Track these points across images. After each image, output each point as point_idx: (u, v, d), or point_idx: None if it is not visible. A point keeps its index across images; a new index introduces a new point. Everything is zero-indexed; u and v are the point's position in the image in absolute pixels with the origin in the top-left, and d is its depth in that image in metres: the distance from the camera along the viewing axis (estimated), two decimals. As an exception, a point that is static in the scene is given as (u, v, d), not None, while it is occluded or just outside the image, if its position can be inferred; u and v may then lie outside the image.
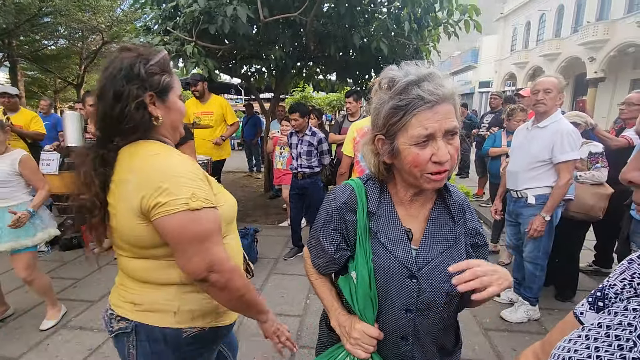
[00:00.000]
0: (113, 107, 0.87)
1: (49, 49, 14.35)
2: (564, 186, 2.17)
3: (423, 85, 0.72)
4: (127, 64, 0.89)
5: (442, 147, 0.74)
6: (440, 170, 0.76)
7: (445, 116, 0.73)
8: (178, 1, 3.77)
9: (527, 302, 2.48)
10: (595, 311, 0.55)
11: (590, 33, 16.99)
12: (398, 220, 0.86)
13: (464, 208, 0.89)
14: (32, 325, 2.42)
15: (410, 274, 0.82)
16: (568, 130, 2.14)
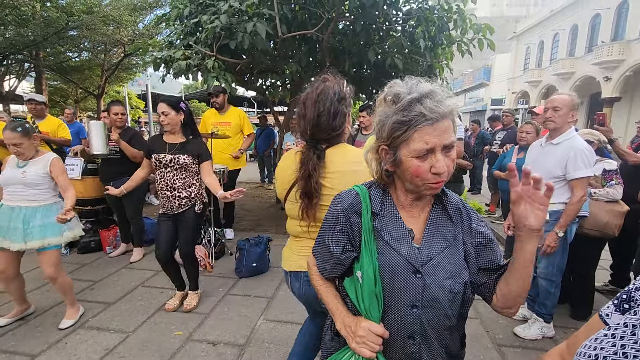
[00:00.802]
0: (332, 121, 1.30)
1: (73, 60, 14.93)
2: (577, 203, 2.17)
3: (425, 103, 0.79)
4: (337, 90, 1.31)
5: (441, 160, 0.81)
6: (439, 180, 0.83)
7: (444, 132, 0.80)
8: (200, 17, 3.95)
9: (541, 318, 2.45)
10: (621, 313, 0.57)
11: (605, 53, 16.94)
12: (400, 220, 0.92)
13: (461, 209, 0.95)
14: (52, 324, 2.50)
15: (415, 269, 0.86)
16: (582, 147, 2.16)
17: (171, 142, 2.56)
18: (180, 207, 2.56)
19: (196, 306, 2.77)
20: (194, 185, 2.60)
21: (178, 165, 2.51)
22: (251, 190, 7.92)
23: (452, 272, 0.87)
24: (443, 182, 0.85)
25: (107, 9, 12.07)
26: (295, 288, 1.49)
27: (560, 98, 2.25)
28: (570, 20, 20.96)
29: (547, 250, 2.27)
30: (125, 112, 3.71)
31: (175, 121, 2.51)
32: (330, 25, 4.11)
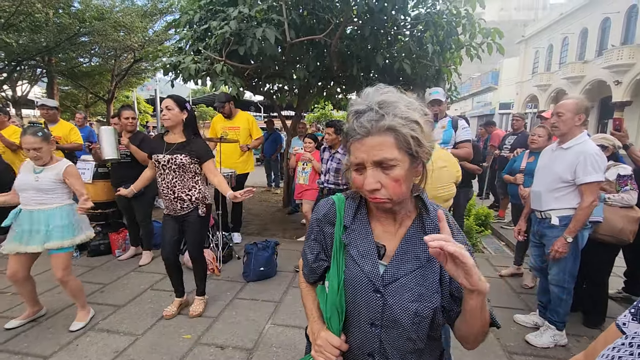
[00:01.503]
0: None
1: (84, 66, 15.18)
2: (587, 208, 2.14)
3: (361, 117, 0.76)
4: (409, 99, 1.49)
5: (369, 176, 0.76)
6: (375, 197, 0.78)
7: (373, 148, 0.75)
8: (210, 24, 4.00)
9: (554, 326, 2.41)
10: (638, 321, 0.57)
11: (615, 57, 16.74)
12: (370, 235, 0.88)
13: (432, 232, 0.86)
14: (63, 326, 2.52)
15: (375, 288, 0.83)
16: (592, 152, 2.13)
17: (170, 142, 2.52)
18: (183, 210, 2.55)
19: (202, 312, 2.74)
20: (194, 189, 2.55)
21: (176, 165, 2.46)
22: (258, 195, 7.95)
23: (420, 295, 0.81)
24: (383, 200, 0.78)
25: (118, 15, 12.26)
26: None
27: (563, 103, 2.24)
28: (580, 24, 20.77)
29: (555, 256, 2.24)
30: (135, 116, 3.76)
31: (177, 118, 2.47)
32: (339, 30, 4.13)
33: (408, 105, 0.76)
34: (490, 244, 4.97)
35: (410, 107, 0.76)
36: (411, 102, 0.78)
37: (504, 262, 3.94)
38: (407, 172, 0.77)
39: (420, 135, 0.75)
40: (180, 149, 2.49)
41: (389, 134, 0.74)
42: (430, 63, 4.39)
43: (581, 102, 2.21)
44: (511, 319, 2.74)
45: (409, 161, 0.77)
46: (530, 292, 3.23)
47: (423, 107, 0.80)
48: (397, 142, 0.74)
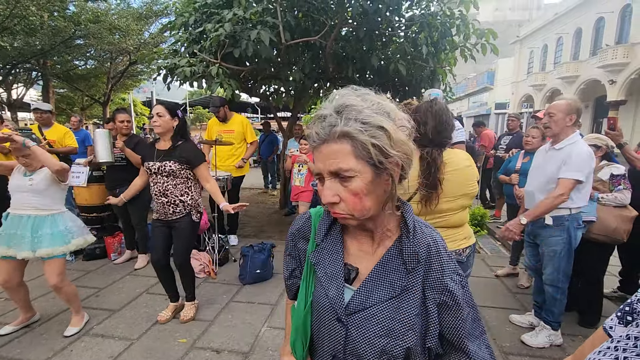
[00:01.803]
0: (450, 131, 1.62)
1: (79, 69, 15.13)
2: (553, 198, 2.16)
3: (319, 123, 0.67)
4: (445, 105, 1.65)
5: (326, 188, 0.68)
6: (334, 211, 0.69)
7: (328, 157, 0.66)
8: (205, 26, 4.00)
9: (549, 326, 2.42)
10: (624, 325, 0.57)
11: (609, 56, 16.88)
12: (340, 254, 0.78)
13: (431, 254, 0.73)
14: (57, 332, 2.50)
15: (337, 316, 0.73)
16: (579, 152, 2.14)
17: (160, 149, 2.51)
18: (175, 215, 2.52)
19: (193, 317, 2.70)
20: (186, 194, 2.53)
21: (166, 172, 2.45)
22: (255, 196, 7.94)
23: (390, 331, 0.70)
24: (344, 215, 0.69)
25: (114, 18, 12.24)
26: None
27: (555, 104, 2.26)
28: (574, 23, 20.93)
29: (506, 235, 2.27)
30: (130, 119, 3.74)
31: (168, 125, 2.45)
32: (334, 32, 4.14)
33: (375, 109, 0.66)
34: (486, 244, 4.98)
35: (379, 111, 0.66)
36: (381, 106, 0.67)
37: (500, 263, 3.95)
38: (369, 185, 0.66)
39: (384, 143, 0.64)
40: (169, 155, 2.47)
41: (345, 141, 0.64)
42: (425, 64, 4.41)
43: (573, 103, 2.22)
44: (507, 320, 2.75)
45: (372, 172, 0.66)
46: (526, 292, 3.23)
47: (398, 111, 0.70)
48: (355, 151, 0.64)
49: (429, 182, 1.56)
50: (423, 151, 1.59)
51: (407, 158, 0.69)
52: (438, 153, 1.59)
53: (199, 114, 25.79)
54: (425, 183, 1.56)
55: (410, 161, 0.71)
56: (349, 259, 0.78)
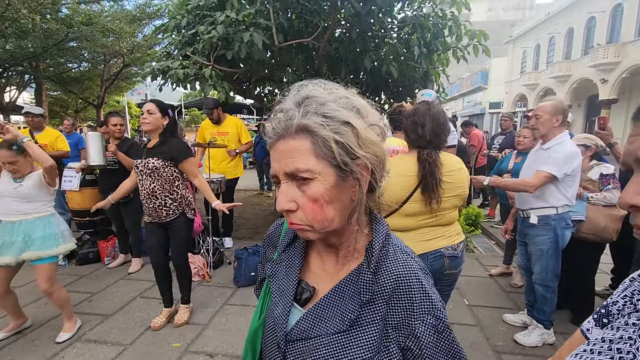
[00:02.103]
0: (447, 134, 1.69)
1: (72, 71, 15.03)
2: (524, 185, 2.26)
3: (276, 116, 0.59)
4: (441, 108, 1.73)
5: (281, 192, 0.58)
6: (289, 220, 0.59)
7: (284, 155, 0.56)
8: (198, 28, 3.99)
9: (541, 325, 2.44)
10: (600, 327, 0.58)
11: (601, 55, 17.07)
12: (296, 269, 0.68)
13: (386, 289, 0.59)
14: (49, 338, 2.48)
15: (277, 341, 0.63)
16: (564, 151, 2.17)
17: (149, 147, 2.47)
18: (169, 217, 2.47)
19: (187, 321, 2.68)
20: (176, 192, 2.47)
21: (149, 170, 2.38)
22: (250, 198, 7.92)
23: None
24: (301, 226, 0.58)
25: (107, 20, 12.18)
26: None
27: (541, 106, 2.31)
28: (566, 23, 21.14)
29: (475, 184, 2.43)
30: (123, 123, 3.72)
31: (157, 123, 2.40)
32: (327, 33, 4.15)
33: (343, 104, 0.57)
34: (480, 243, 5.01)
35: (346, 105, 0.57)
36: (350, 101, 0.59)
37: (494, 262, 3.97)
38: (331, 190, 0.56)
39: (350, 141, 0.55)
40: (153, 151, 2.42)
41: (303, 137, 0.55)
42: (417, 65, 4.43)
43: (558, 104, 2.25)
44: (500, 319, 2.76)
45: (335, 175, 0.56)
46: (519, 290, 3.25)
47: (370, 108, 0.62)
48: (315, 148, 0.55)
49: (431, 182, 1.62)
50: (422, 153, 1.66)
51: (377, 161, 0.59)
52: (436, 154, 1.66)
53: (194, 116, 25.68)
54: (428, 184, 1.62)
55: (383, 166, 0.62)
56: (307, 277, 0.68)
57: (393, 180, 1.69)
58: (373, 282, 0.59)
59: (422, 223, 1.73)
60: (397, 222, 1.75)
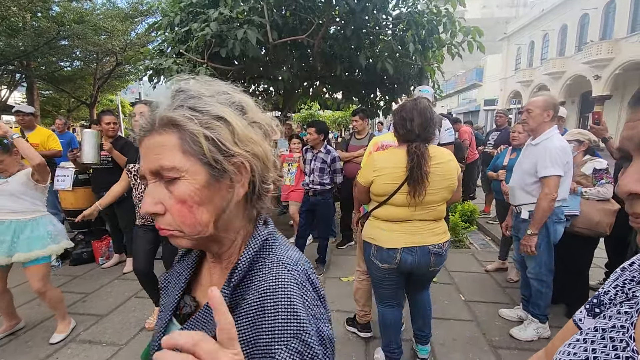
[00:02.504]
0: (435, 128, 1.77)
1: (64, 70, 14.86)
2: (543, 200, 2.17)
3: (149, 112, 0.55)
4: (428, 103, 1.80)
5: (147, 194, 0.53)
6: (157, 225, 0.53)
7: (151, 152, 0.52)
8: (191, 26, 3.95)
9: (537, 319, 2.45)
10: (592, 317, 0.58)
11: (594, 52, 17.19)
12: (183, 281, 0.63)
13: (250, 305, 0.51)
14: (43, 339, 2.45)
15: (151, 357, 0.60)
16: (553, 147, 2.17)
17: None
18: None
19: None
20: None
21: None
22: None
23: None
24: (170, 231, 0.53)
25: (99, 18, 12.04)
26: (407, 261, 1.81)
27: (532, 100, 2.32)
28: (560, 20, 21.26)
29: (525, 250, 2.29)
30: (116, 121, 3.68)
31: None
32: (321, 30, 4.13)
33: (222, 100, 0.53)
34: (476, 239, 5.04)
35: (225, 102, 0.53)
36: (230, 97, 0.55)
37: (490, 257, 3.99)
38: (202, 191, 0.51)
39: (223, 137, 0.51)
40: None
41: (170, 132, 0.51)
42: (412, 62, 4.43)
43: (549, 99, 2.26)
44: (496, 314, 2.78)
45: (207, 174, 0.51)
46: (515, 285, 3.27)
47: (256, 107, 0.58)
48: (183, 144, 0.50)
49: (417, 174, 1.68)
50: (411, 146, 1.73)
51: (258, 160, 0.55)
52: (425, 147, 1.73)
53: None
54: (414, 176, 1.69)
55: (267, 168, 0.57)
56: (197, 290, 0.63)
57: (384, 171, 1.79)
58: (233, 300, 0.53)
59: (412, 215, 1.80)
60: (389, 212, 1.83)
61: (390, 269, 1.85)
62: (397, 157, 1.76)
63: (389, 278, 1.90)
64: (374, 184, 1.82)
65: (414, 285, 2.07)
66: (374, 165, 1.81)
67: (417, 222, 1.81)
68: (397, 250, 1.80)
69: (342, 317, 2.74)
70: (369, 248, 1.91)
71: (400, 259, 1.81)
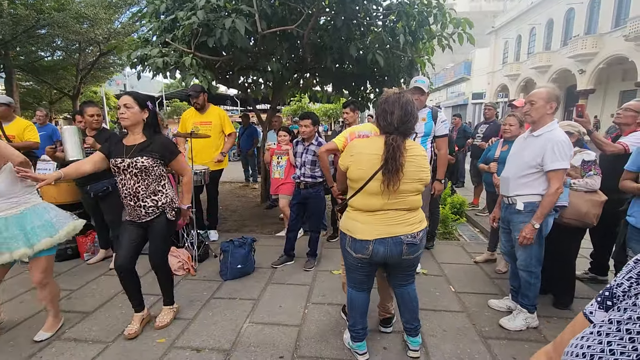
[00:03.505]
0: (414, 122, 1.83)
1: (45, 60, 14.37)
2: (553, 194, 2.19)
3: None
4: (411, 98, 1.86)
5: None
6: None
7: None
8: (177, 14, 3.83)
9: (525, 309, 2.49)
10: (604, 310, 0.57)
11: (579, 46, 17.47)
12: None
13: None
14: (26, 337, 2.37)
15: None
16: (559, 139, 2.18)
17: (130, 145, 2.28)
18: (148, 216, 2.32)
19: (169, 323, 2.52)
20: (160, 193, 2.33)
21: (137, 169, 2.23)
22: (236, 190, 7.81)
23: None
24: None
25: (80, 6, 11.64)
26: (379, 252, 1.87)
27: (535, 92, 2.30)
28: (546, 14, 21.49)
29: (523, 242, 2.30)
30: (100, 113, 3.56)
31: (137, 118, 2.25)
32: (311, 21, 4.06)
33: None
34: (465, 231, 5.10)
35: None
36: None
37: (479, 249, 4.04)
38: None
39: None
40: (141, 150, 2.26)
41: None
42: (403, 54, 4.40)
43: (553, 91, 2.26)
44: (486, 305, 2.81)
45: None
46: (504, 276, 3.32)
47: None
48: None
49: (392, 165, 1.76)
50: (388, 137, 1.80)
51: None
52: (401, 140, 1.79)
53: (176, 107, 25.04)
54: (389, 166, 1.76)
55: None
56: None
57: (360, 157, 1.86)
58: None
59: (387, 204, 1.85)
60: (363, 201, 1.89)
61: (363, 258, 1.93)
62: (375, 145, 1.83)
63: (362, 267, 1.99)
64: (350, 169, 1.89)
65: (394, 274, 2.11)
66: (352, 151, 1.89)
67: (391, 212, 1.87)
68: (369, 242, 1.87)
69: (334, 310, 2.73)
70: (344, 238, 1.99)
71: (372, 250, 1.88)
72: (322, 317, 2.64)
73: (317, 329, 2.50)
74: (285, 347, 2.29)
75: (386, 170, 1.76)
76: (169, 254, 3.45)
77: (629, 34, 14.54)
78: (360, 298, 2.10)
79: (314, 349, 2.28)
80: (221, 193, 5.48)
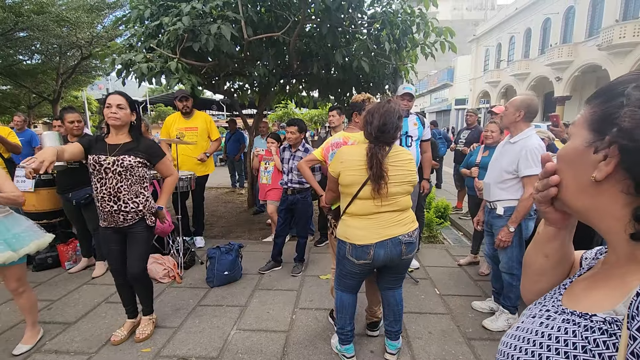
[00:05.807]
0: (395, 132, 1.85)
1: (24, 64, 13.96)
2: (527, 199, 2.26)
3: None
4: (399, 111, 1.87)
5: None
6: None
7: None
8: (162, 19, 3.81)
9: (507, 310, 2.56)
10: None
11: (555, 55, 18.13)
12: None
13: None
14: (3, 351, 2.29)
15: None
16: (533, 146, 2.27)
17: (114, 144, 2.23)
18: (127, 222, 2.27)
19: (150, 335, 2.46)
20: (142, 195, 2.30)
21: (122, 168, 2.18)
22: (222, 196, 7.75)
23: None
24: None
25: (61, 9, 11.39)
26: (380, 255, 1.91)
27: (513, 99, 2.43)
28: (524, 24, 22.24)
29: (500, 245, 2.40)
30: (81, 119, 3.49)
31: (127, 119, 2.24)
32: (297, 27, 4.10)
33: None
34: (449, 234, 5.19)
35: None
36: None
37: (462, 252, 4.13)
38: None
39: None
40: (128, 150, 2.23)
41: None
42: (387, 61, 4.49)
43: (526, 99, 2.36)
44: (469, 306, 2.88)
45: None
46: (486, 279, 3.40)
47: None
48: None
49: (376, 172, 1.82)
50: (370, 145, 1.87)
51: None
52: (380, 148, 1.85)
53: (160, 112, 24.68)
54: (374, 173, 1.83)
55: None
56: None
57: (349, 164, 1.92)
58: None
59: (380, 207, 1.90)
60: (358, 207, 1.94)
61: (365, 264, 1.95)
62: (360, 151, 1.90)
63: (361, 273, 2.02)
64: (341, 175, 1.94)
65: (388, 277, 2.15)
66: (341, 157, 1.95)
67: (385, 214, 1.92)
68: (370, 246, 1.91)
69: (322, 314, 2.74)
70: (343, 247, 1.99)
71: (373, 254, 1.91)
72: (310, 323, 2.65)
73: (305, 334, 2.50)
74: (272, 354, 2.29)
75: (372, 176, 1.83)
76: (155, 262, 3.40)
77: (601, 43, 15.19)
78: (350, 300, 2.14)
79: (302, 354, 2.29)
80: (207, 199, 5.44)
